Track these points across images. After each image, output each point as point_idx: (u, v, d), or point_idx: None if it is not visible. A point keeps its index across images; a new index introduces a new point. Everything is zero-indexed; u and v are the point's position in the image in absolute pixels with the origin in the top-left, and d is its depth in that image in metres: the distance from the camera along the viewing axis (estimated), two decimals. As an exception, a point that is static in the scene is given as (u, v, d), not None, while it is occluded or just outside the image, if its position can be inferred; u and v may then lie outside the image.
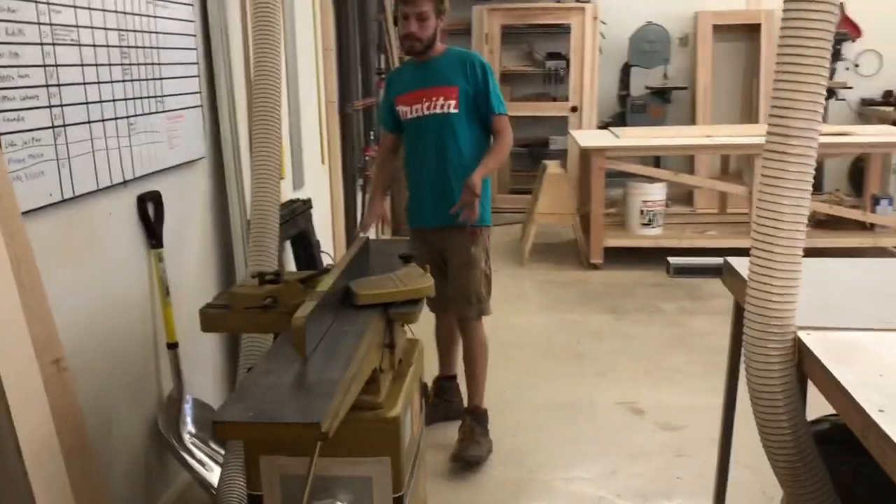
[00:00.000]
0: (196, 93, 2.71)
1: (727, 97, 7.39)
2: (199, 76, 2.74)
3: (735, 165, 6.86)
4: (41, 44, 1.86)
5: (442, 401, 3.27)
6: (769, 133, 1.57)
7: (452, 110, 2.88)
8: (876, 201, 5.66)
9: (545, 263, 5.53)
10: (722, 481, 2.47)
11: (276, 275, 2.11)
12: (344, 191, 4.76)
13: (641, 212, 5.46)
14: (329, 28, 4.47)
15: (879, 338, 1.62)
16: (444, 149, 2.90)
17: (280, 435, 1.49)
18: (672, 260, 2.36)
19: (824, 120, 5.74)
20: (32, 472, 1.53)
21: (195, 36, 2.71)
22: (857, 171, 7.12)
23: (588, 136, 5.89)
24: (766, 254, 1.57)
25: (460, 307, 3.00)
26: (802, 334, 1.61)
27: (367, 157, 5.23)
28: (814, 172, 1.57)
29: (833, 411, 1.79)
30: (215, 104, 2.88)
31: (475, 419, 2.99)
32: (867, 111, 7.35)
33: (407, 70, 3.07)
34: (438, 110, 2.88)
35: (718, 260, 2.24)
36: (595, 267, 5.32)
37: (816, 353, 1.55)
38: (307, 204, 3.76)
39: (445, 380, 3.31)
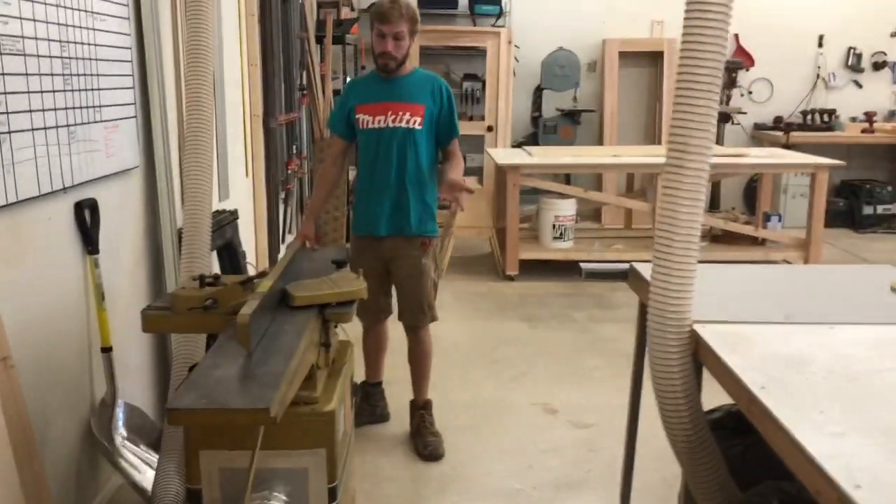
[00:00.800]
0: (131, 104, 2.78)
1: (632, 120, 7.80)
2: (133, 88, 2.81)
3: (639, 184, 7.25)
4: (-11, 53, 1.92)
5: (368, 405, 3.40)
6: (669, 150, 1.79)
7: (417, 126, 3.02)
8: (767, 218, 6.12)
9: (463, 275, 5.73)
10: (628, 470, 2.69)
11: (215, 278, 2.22)
12: (267, 203, 4.83)
13: (553, 226, 5.72)
14: (254, 45, 4.56)
15: (762, 329, 1.86)
16: (405, 161, 3.03)
17: (232, 420, 1.60)
18: (584, 265, 2.59)
19: (721, 143, 6.20)
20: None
21: (130, 49, 2.78)
22: (752, 191, 7.64)
23: (504, 154, 6.14)
24: (665, 255, 1.78)
25: (413, 316, 3.16)
26: (698, 326, 1.83)
27: (289, 171, 5.32)
28: (707, 184, 1.80)
29: (724, 402, 2.03)
30: (148, 115, 2.95)
31: (427, 411, 3.25)
32: (760, 135, 7.89)
33: (371, 81, 3.16)
34: (403, 124, 3.01)
35: (624, 265, 2.46)
36: (510, 278, 5.55)
37: (709, 342, 1.77)
38: (234, 214, 3.83)
39: (372, 385, 3.44)
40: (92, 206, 2.51)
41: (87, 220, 2.48)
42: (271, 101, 4.88)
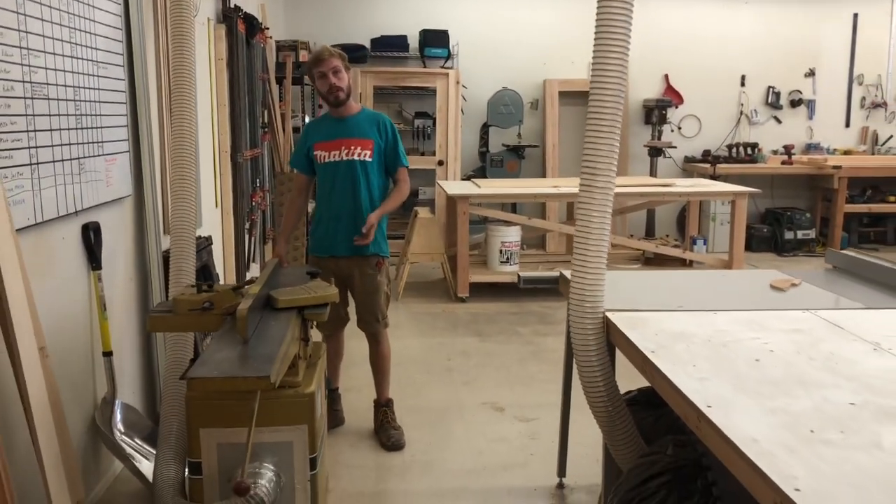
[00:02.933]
0: (125, 140, 3.17)
1: (572, 153, 8.35)
2: (127, 126, 3.20)
3: (581, 213, 7.77)
4: (24, 98, 2.32)
5: (332, 410, 3.77)
6: (582, 172, 2.26)
7: (368, 158, 3.44)
8: (693, 242, 6.69)
9: (418, 298, 6.15)
10: (563, 449, 3.13)
11: (209, 284, 2.61)
12: (234, 231, 5.21)
13: (500, 251, 6.19)
14: (223, 87, 4.97)
15: (659, 315, 2.33)
16: (359, 189, 3.44)
17: (239, 386, 1.99)
18: (522, 274, 3.05)
19: (654, 174, 6.84)
20: (39, 426, 1.96)
21: (125, 92, 3.18)
22: (684, 219, 8.22)
23: (454, 186, 6.62)
24: (581, 254, 2.24)
25: (370, 324, 3.58)
26: (609, 314, 2.29)
27: (253, 203, 5.70)
28: (613, 197, 2.26)
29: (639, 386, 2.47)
30: (139, 150, 3.33)
31: (389, 408, 3.63)
32: (690, 167, 8.52)
33: (325, 122, 3.59)
34: (356, 157, 3.43)
35: (555, 273, 2.93)
36: (462, 300, 5.99)
37: (617, 324, 2.23)
38: (209, 240, 4.21)
39: (331, 392, 3.80)
40: (96, 228, 2.88)
41: (91, 240, 2.85)
42: (238, 138, 5.27)
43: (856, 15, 8.68)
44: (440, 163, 7.87)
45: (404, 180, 3.60)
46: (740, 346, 2.04)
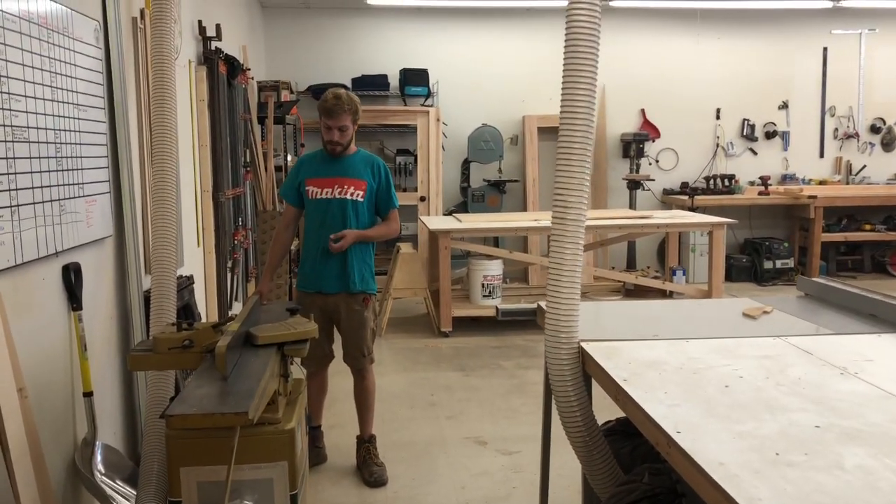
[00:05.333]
0: (105, 181, 3.20)
1: (551, 187, 8.44)
2: (107, 167, 3.23)
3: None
4: (4, 141, 2.35)
5: (314, 448, 3.77)
6: (554, 205, 2.31)
7: (360, 199, 3.52)
8: (673, 273, 6.76)
9: (402, 334, 6.18)
10: (545, 482, 3.14)
11: (189, 323, 2.63)
12: (217, 270, 5.22)
13: (483, 285, 6.24)
14: (205, 127, 5.03)
15: (633, 344, 2.37)
16: (348, 227, 3.51)
17: (217, 422, 2.00)
18: (501, 307, 3.09)
19: (633, 207, 6.94)
20: (18, 469, 1.96)
21: (105, 134, 3.22)
22: (664, 251, 8.32)
23: (435, 221, 6.68)
24: (555, 286, 2.28)
25: (357, 360, 3.62)
26: (584, 344, 2.33)
27: (235, 241, 5.73)
28: (584, 229, 2.32)
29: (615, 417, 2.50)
30: (119, 190, 3.36)
31: (372, 444, 3.63)
32: (668, 199, 8.63)
33: (320, 158, 3.65)
34: (348, 196, 3.50)
35: (533, 305, 2.97)
36: (445, 335, 6.02)
37: (592, 354, 2.27)
38: (190, 280, 4.23)
39: (313, 429, 3.81)
40: (76, 268, 2.89)
41: (72, 281, 2.86)
42: (220, 177, 5.31)
43: (825, 49, 8.90)
44: (422, 199, 7.94)
45: (395, 219, 3.69)
46: (711, 373, 2.08)
